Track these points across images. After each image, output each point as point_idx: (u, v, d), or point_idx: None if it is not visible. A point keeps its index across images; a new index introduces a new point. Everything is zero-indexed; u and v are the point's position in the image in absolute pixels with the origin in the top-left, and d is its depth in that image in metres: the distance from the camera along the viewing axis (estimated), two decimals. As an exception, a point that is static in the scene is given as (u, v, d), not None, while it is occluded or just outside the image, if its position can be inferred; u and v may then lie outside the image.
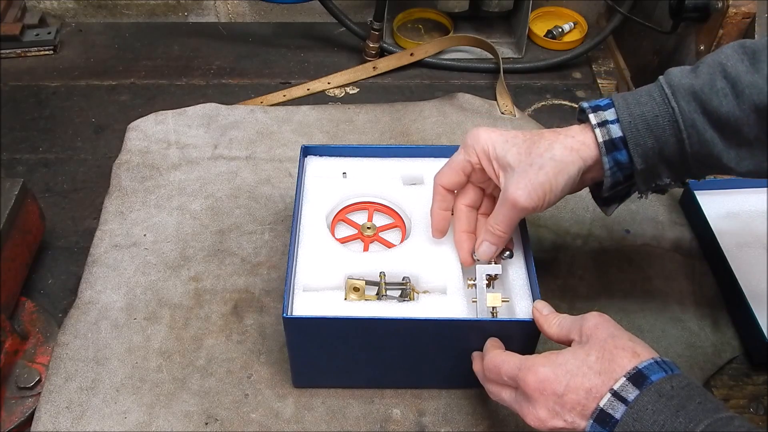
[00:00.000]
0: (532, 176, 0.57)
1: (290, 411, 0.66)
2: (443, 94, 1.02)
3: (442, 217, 0.65)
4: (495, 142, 0.60)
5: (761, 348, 0.70)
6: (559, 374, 0.50)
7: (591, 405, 0.49)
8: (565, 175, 0.57)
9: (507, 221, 0.60)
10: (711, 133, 0.55)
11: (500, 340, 0.60)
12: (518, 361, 0.54)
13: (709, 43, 0.87)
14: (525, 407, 0.52)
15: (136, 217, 0.82)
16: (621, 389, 0.48)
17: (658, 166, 0.58)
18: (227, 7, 1.18)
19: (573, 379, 0.50)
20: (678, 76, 0.56)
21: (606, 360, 0.50)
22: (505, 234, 0.61)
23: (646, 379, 0.48)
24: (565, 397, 0.50)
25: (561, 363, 0.51)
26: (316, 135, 0.94)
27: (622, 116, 0.56)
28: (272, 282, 0.76)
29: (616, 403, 0.48)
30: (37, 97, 1.01)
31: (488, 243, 0.62)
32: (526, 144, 0.59)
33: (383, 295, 0.63)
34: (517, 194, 0.57)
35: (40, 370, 0.69)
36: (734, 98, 0.53)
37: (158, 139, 0.92)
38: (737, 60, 0.54)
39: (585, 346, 0.52)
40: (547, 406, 0.50)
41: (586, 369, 0.50)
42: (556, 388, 0.50)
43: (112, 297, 0.74)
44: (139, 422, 0.65)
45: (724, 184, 0.86)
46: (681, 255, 0.81)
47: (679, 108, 0.55)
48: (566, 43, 1.11)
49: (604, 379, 0.49)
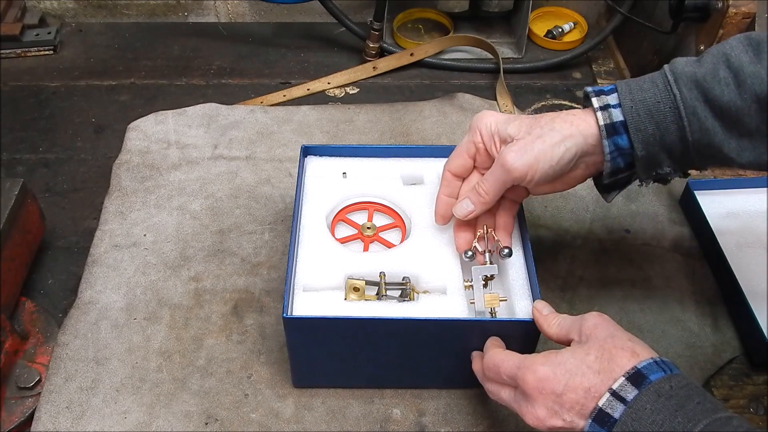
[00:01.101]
0: (528, 142, 0.58)
1: (290, 411, 0.66)
2: (443, 94, 1.02)
3: (447, 203, 0.65)
4: (498, 121, 0.61)
5: (761, 348, 0.70)
6: (558, 373, 0.50)
7: (590, 404, 0.49)
8: (562, 147, 0.58)
9: (494, 183, 0.60)
10: (712, 122, 0.55)
11: (500, 339, 0.60)
12: (517, 360, 0.54)
13: (709, 43, 0.87)
14: (524, 406, 0.52)
15: (136, 217, 0.82)
16: (620, 389, 0.48)
17: (659, 154, 0.58)
18: (227, 7, 1.18)
19: (572, 379, 0.50)
20: (682, 65, 0.56)
21: (605, 359, 0.50)
22: (487, 196, 0.61)
23: (645, 378, 0.48)
24: (564, 397, 0.50)
25: (560, 362, 0.51)
26: (316, 135, 0.94)
27: (624, 101, 0.57)
28: (272, 282, 0.76)
29: (615, 403, 0.48)
30: (37, 97, 1.01)
31: (468, 201, 0.62)
32: (528, 119, 0.60)
33: (383, 295, 0.63)
34: (509, 156, 0.58)
35: (40, 370, 0.69)
36: (736, 88, 0.53)
37: (158, 139, 0.92)
38: (741, 50, 0.54)
39: (584, 345, 0.52)
40: (546, 405, 0.50)
41: (585, 368, 0.50)
42: (555, 387, 0.50)
43: (112, 297, 0.74)
44: (139, 422, 0.65)
45: (724, 184, 0.86)
46: (681, 255, 0.81)
47: (680, 95, 0.55)
48: (566, 43, 1.11)
49: (603, 379, 0.49)
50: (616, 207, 0.85)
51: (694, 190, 0.83)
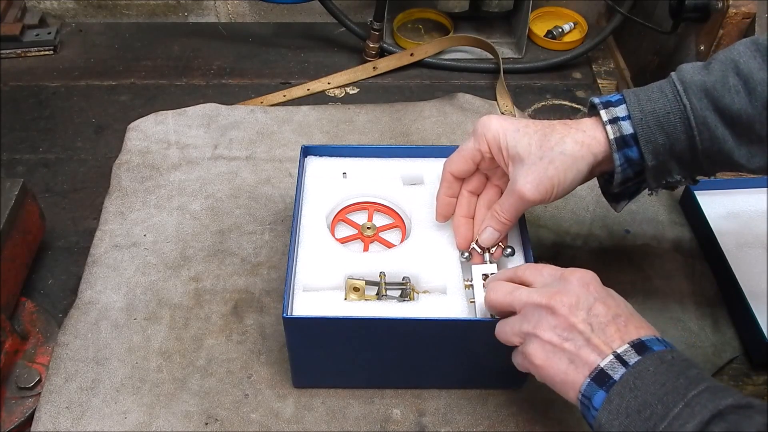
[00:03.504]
0: (542, 170, 0.57)
1: (290, 411, 0.66)
2: (443, 94, 1.02)
3: (447, 203, 0.66)
4: (506, 131, 0.60)
5: (761, 348, 0.70)
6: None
7: (582, 369, 0.50)
8: (574, 170, 0.58)
9: (513, 211, 0.61)
10: (722, 130, 0.55)
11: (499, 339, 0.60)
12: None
13: (709, 43, 0.87)
14: (558, 290, 0.52)
15: (136, 217, 0.82)
16: (624, 353, 0.48)
17: (669, 163, 0.58)
18: (227, 7, 1.18)
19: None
20: (690, 73, 0.56)
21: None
22: (509, 222, 0.62)
23: (648, 349, 0.48)
24: (592, 310, 0.51)
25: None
26: (316, 135, 0.94)
27: (633, 113, 0.56)
28: (272, 282, 0.76)
29: (617, 365, 0.48)
30: (37, 97, 1.01)
31: (492, 229, 0.62)
32: (537, 135, 0.58)
33: (383, 295, 0.63)
34: (525, 188, 0.58)
35: (40, 370, 0.69)
36: (746, 95, 0.53)
37: (158, 140, 0.92)
38: (750, 57, 0.54)
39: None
40: (575, 313, 0.51)
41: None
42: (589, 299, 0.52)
43: (112, 297, 0.74)
44: (139, 422, 0.65)
45: (724, 184, 0.86)
46: (681, 255, 0.81)
47: (690, 105, 0.55)
48: (566, 43, 1.11)
49: (591, 345, 0.50)
50: (616, 207, 0.85)
51: (694, 191, 0.83)
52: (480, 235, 0.63)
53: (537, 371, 0.53)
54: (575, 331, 0.50)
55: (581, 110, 1.01)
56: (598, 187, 0.65)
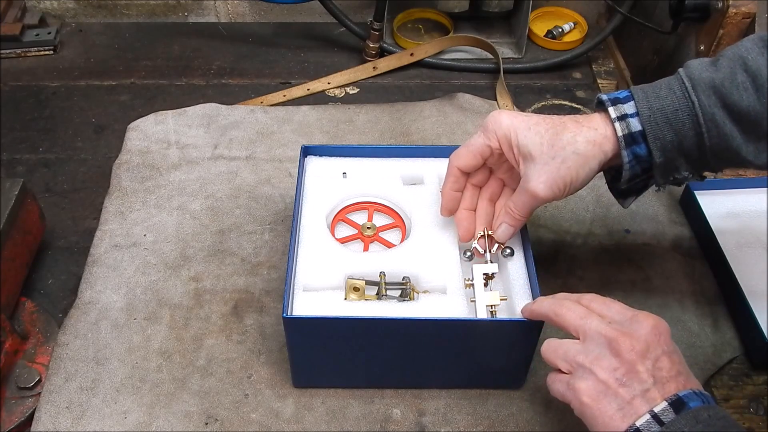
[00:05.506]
0: (554, 170, 0.58)
1: (290, 411, 0.66)
2: (443, 94, 1.02)
3: (453, 197, 0.66)
4: (517, 129, 0.59)
5: (761, 348, 0.70)
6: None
7: (629, 418, 0.48)
8: (586, 168, 0.58)
9: (526, 208, 0.61)
10: (730, 127, 0.55)
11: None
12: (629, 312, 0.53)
13: (709, 43, 0.87)
14: (625, 333, 0.50)
15: (136, 217, 0.82)
16: (661, 413, 0.48)
17: (677, 160, 0.58)
18: (227, 7, 1.18)
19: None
20: (698, 69, 0.56)
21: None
22: (523, 218, 0.62)
23: (685, 406, 0.48)
24: (652, 362, 0.50)
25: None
26: (316, 135, 0.94)
27: (641, 110, 0.56)
28: (272, 282, 0.76)
29: (653, 425, 0.47)
30: (37, 97, 1.01)
31: (507, 225, 0.63)
32: (548, 134, 0.58)
33: (383, 295, 0.63)
34: (539, 188, 0.58)
35: (40, 370, 0.69)
36: (755, 92, 0.53)
37: (158, 139, 0.92)
38: (758, 53, 0.54)
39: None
40: (642, 362, 0.49)
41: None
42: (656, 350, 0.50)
43: (112, 297, 0.74)
44: (139, 422, 0.65)
45: (724, 184, 0.86)
46: (681, 255, 0.81)
47: (699, 102, 0.55)
48: (566, 43, 1.11)
49: (658, 390, 0.49)
50: (616, 207, 0.84)
51: (694, 190, 0.83)
52: (495, 231, 0.64)
53: (581, 407, 0.51)
54: (636, 379, 0.49)
55: (581, 110, 1.01)
56: (598, 187, 0.66)
